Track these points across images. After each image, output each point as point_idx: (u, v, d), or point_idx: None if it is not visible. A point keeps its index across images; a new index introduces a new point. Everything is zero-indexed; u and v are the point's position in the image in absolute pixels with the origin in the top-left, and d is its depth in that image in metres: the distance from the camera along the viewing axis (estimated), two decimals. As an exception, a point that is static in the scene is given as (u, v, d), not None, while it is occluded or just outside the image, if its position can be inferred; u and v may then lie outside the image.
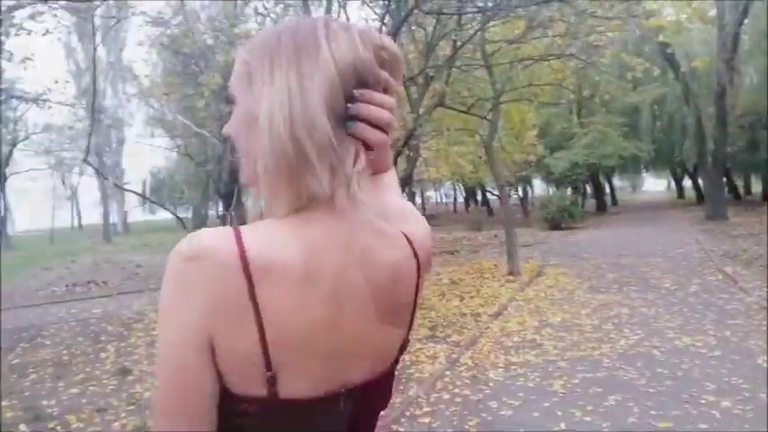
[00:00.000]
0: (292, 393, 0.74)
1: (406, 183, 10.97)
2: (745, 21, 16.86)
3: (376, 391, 0.84)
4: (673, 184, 40.05)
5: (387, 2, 7.60)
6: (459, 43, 8.09)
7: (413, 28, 8.76)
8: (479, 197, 35.39)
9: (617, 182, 42.54)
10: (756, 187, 30.77)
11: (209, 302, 0.69)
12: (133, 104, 28.24)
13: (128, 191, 25.70)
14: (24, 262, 19.32)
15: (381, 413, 0.91)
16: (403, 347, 0.87)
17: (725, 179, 22.12)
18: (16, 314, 9.61)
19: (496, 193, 14.83)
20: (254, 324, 0.70)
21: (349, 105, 0.72)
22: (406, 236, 0.84)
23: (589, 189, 30.83)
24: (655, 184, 61.82)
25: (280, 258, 0.71)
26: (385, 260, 0.79)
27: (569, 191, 23.78)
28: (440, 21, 7.84)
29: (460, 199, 40.60)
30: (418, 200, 31.94)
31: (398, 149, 8.18)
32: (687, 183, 34.40)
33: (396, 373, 0.90)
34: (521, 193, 28.34)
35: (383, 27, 8.01)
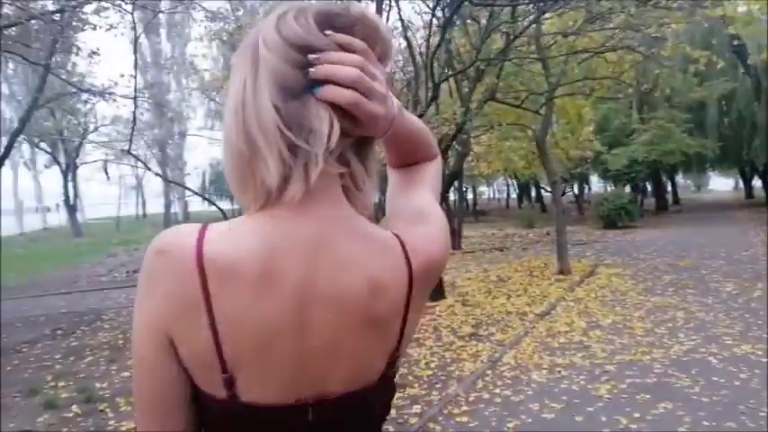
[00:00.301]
0: (254, 397, 0.71)
1: (455, 178, 10.86)
2: (826, 10, 15.72)
3: (359, 406, 0.77)
4: (741, 183, 38.00)
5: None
6: (512, 36, 7.91)
7: (467, 21, 8.63)
8: (533, 193, 34.65)
9: (680, 180, 40.75)
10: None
11: (167, 298, 0.69)
12: (195, 98, 29.10)
13: (169, 182, 26.53)
14: (92, 249, 20.33)
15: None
16: (391, 362, 0.79)
17: (798, 179, 20.82)
18: (80, 298, 10.13)
19: (550, 189, 14.47)
20: (207, 323, 0.68)
21: (311, 70, 0.69)
22: (401, 242, 0.77)
23: (650, 187, 29.68)
24: (721, 184, 58.79)
25: (235, 256, 0.69)
26: (362, 266, 0.73)
27: (628, 189, 22.90)
28: (493, 14, 7.68)
29: (513, 195, 39.91)
30: (470, 196, 31.58)
31: (447, 144, 8.10)
32: (756, 183, 32.54)
33: (394, 388, 0.84)
34: (576, 190, 27.54)
35: (434, 19, 7.93)
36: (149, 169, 9.14)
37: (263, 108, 0.69)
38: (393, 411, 4.22)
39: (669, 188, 31.79)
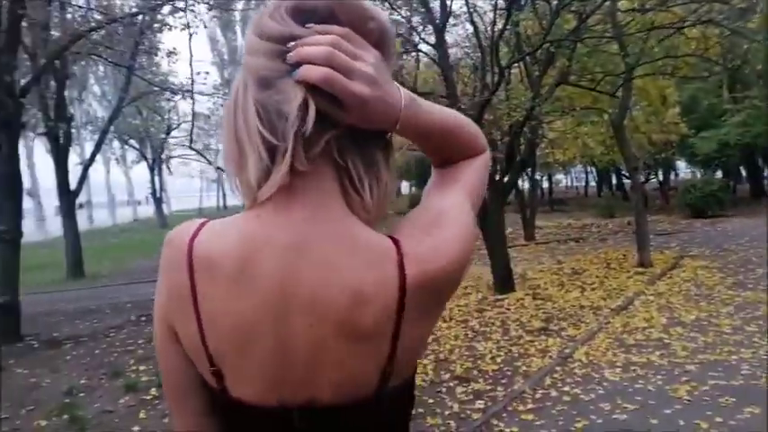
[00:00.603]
0: (240, 394, 0.72)
1: (526, 166, 10.53)
2: None
3: (355, 420, 0.72)
4: None
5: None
6: (584, 15, 7.51)
7: (536, 2, 8.28)
8: (613, 181, 33.10)
9: (779, 164, 37.64)
10: None
11: (168, 289, 0.74)
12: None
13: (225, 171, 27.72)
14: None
15: None
16: (385, 375, 0.72)
17: None
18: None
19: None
20: (194, 315, 0.71)
21: (288, 55, 0.68)
22: (398, 249, 0.70)
23: (744, 172, 27.63)
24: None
25: (216, 253, 0.70)
26: (343, 273, 0.68)
27: (719, 174, 21.35)
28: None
29: (593, 183, 38.35)
30: (545, 184, 30.64)
31: (516, 131, 7.85)
32: None
33: (405, 403, 0.79)
34: (660, 176, 26.04)
35: (500, 1, 7.68)
36: (210, 162, 9.55)
37: (249, 108, 0.70)
38: (455, 406, 4.16)
39: (766, 173, 29.48)
